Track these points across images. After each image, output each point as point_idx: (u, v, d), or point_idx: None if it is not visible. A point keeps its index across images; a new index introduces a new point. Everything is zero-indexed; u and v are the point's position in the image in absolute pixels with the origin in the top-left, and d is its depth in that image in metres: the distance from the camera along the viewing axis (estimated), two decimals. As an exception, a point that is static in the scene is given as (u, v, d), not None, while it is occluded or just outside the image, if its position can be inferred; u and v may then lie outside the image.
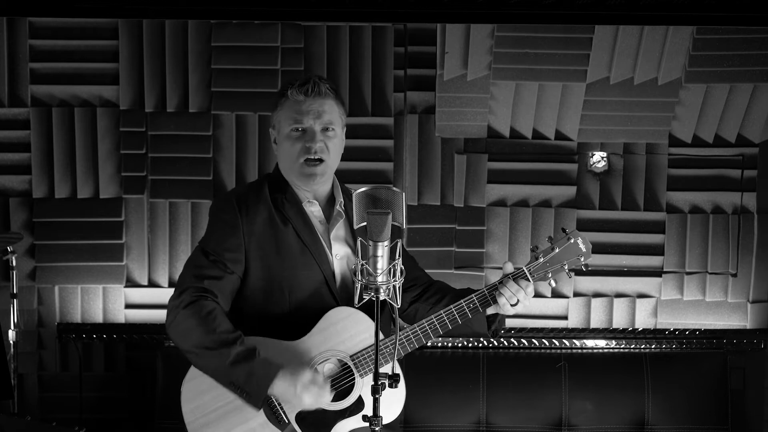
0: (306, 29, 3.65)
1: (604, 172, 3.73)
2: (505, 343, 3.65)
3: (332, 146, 2.43)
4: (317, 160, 2.41)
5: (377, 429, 2.06)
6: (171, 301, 2.34)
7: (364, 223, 2.04)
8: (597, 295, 3.77)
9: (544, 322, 3.73)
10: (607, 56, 3.63)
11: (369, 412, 2.08)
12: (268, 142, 3.68)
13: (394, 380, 2.09)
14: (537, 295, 2.59)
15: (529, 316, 3.70)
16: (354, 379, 2.36)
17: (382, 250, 2.02)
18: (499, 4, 3.57)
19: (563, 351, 3.63)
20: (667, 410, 3.47)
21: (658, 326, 3.75)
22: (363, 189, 2.08)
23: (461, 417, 3.46)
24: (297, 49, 3.66)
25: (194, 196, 3.70)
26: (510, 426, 3.46)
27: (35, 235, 3.68)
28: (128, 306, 3.72)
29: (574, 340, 3.68)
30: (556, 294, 3.73)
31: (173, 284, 3.67)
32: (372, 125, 3.69)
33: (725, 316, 3.77)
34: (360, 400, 2.35)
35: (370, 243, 2.01)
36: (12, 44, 3.64)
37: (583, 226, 3.71)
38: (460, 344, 3.57)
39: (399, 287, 2.05)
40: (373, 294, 2.03)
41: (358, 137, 3.57)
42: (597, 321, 3.76)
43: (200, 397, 2.34)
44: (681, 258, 3.75)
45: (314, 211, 2.46)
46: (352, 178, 3.04)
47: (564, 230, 2.41)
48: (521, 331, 3.67)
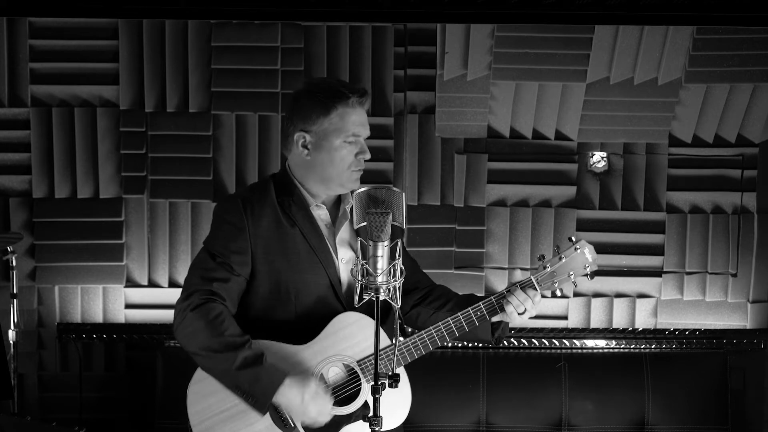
0: (306, 29, 3.65)
1: (604, 172, 3.73)
2: (505, 343, 3.65)
3: None
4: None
5: (377, 429, 2.06)
6: (178, 304, 2.33)
7: (365, 223, 2.04)
8: (597, 295, 3.77)
9: (544, 322, 3.73)
10: (607, 56, 3.63)
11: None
12: (268, 142, 3.69)
13: (394, 380, 2.08)
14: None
15: (529, 317, 3.69)
16: (360, 384, 2.36)
17: (382, 250, 2.01)
18: (499, 4, 3.58)
19: (563, 351, 3.63)
20: (667, 410, 3.47)
21: (658, 326, 3.75)
22: (363, 189, 2.08)
23: (461, 417, 3.47)
24: (297, 49, 3.66)
25: (194, 196, 3.70)
26: (510, 426, 3.46)
27: (35, 235, 3.68)
28: (128, 306, 3.72)
29: (574, 340, 3.68)
30: (557, 296, 3.72)
31: (173, 284, 3.70)
32: (372, 125, 3.64)
33: (725, 316, 3.77)
34: (366, 405, 2.34)
35: (370, 243, 2.01)
36: (12, 44, 3.64)
37: (583, 226, 3.72)
38: (460, 344, 3.57)
39: (399, 287, 2.05)
40: (373, 294, 2.03)
41: (358, 137, 3.57)
42: (597, 321, 3.76)
43: (206, 400, 2.34)
44: (681, 258, 3.75)
45: (321, 214, 2.44)
46: (352, 178, 3.03)
47: (571, 239, 2.40)
48: (521, 331, 3.67)
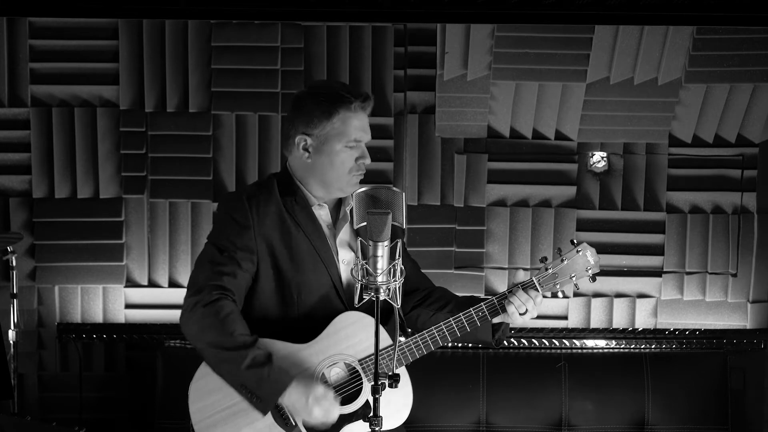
0: (306, 29, 3.65)
1: (604, 172, 3.73)
2: (505, 343, 3.64)
3: None
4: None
5: (378, 429, 2.06)
6: (188, 298, 2.31)
7: (365, 223, 2.04)
8: (597, 295, 3.77)
9: (544, 322, 3.73)
10: (607, 56, 3.63)
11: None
12: (268, 142, 3.69)
13: (394, 380, 2.09)
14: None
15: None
16: (362, 383, 2.36)
17: (382, 250, 2.01)
18: (499, 4, 3.58)
19: (563, 351, 3.63)
20: (667, 410, 3.47)
21: (658, 326, 3.75)
22: (363, 189, 2.08)
23: (461, 417, 3.46)
24: (297, 49, 3.66)
25: (194, 196, 3.70)
26: (510, 426, 3.46)
27: (35, 235, 3.68)
28: (128, 306, 3.72)
29: (574, 340, 3.68)
30: (557, 295, 3.72)
31: (173, 284, 3.70)
32: (372, 125, 3.65)
33: (725, 316, 3.77)
34: (367, 404, 2.34)
35: (370, 243, 2.01)
36: (12, 44, 3.64)
37: (583, 226, 3.72)
38: (460, 344, 3.56)
39: (399, 287, 2.05)
40: (373, 294, 2.03)
41: (358, 137, 3.57)
42: (597, 321, 3.76)
43: (208, 398, 2.34)
44: (681, 258, 3.75)
45: (322, 214, 2.45)
46: (352, 178, 3.03)
47: (573, 241, 2.41)
48: (521, 331, 3.67)
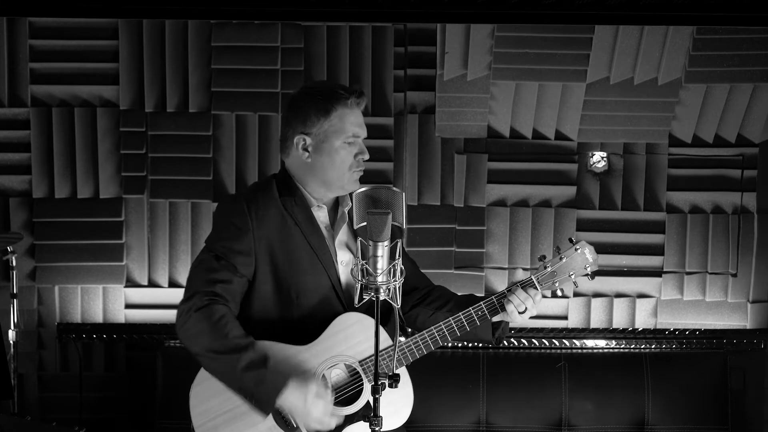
0: (306, 29, 3.65)
1: (604, 172, 3.73)
2: (505, 343, 3.65)
3: None
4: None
5: (378, 429, 2.06)
6: (181, 305, 2.32)
7: (364, 224, 2.04)
8: (597, 295, 3.77)
9: (544, 322, 3.73)
10: (607, 56, 3.63)
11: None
12: (268, 143, 3.69)
13: (394, 380, 2.09)
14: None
15: (529, 317, 3.70)
16: (362, 384, 2.36)
17: (382, 250, 2.02)
18: (499, 4, 3.57)
19: (563, 351, 3.63)
20: (667, 410, 3.47)
21: (658, 326, 3.75)
22: (363, 189, 2.08)
23: (461, 417, 3.46)
24: (297, 49, 3.66)
25: (194, 196, 3.70)
26: (510, 426, 3.46)
27: (35, 235, 3.68)
28: (128, 306, 3.73)
29: (574, 340, 3.68)
30: (557, 295, 3.72)
31: (173, 284, 3.70)
32: (372, 125, 3.63)
33: (725, 316, 3.77)
34: (368, 405, 2.34)
35: (370, 243, 2.01)
36: (12, 44, 3.64)
37: (583, 226, 3.72)
38: (460, 344, 3.56)
39: (399, 287, 2.05)
40: (373, 294, 2.03)
41: (358, 137, 3.57)
42: (597, 321, 3.76)
43: (209, 401, 2.34)
44: (681, 258, 3.75)
45: (321, 216, 2.44)
46: (352, 178, 3.03)
47: (571, 240, 2.41)
48: (521, 331, 3.67)
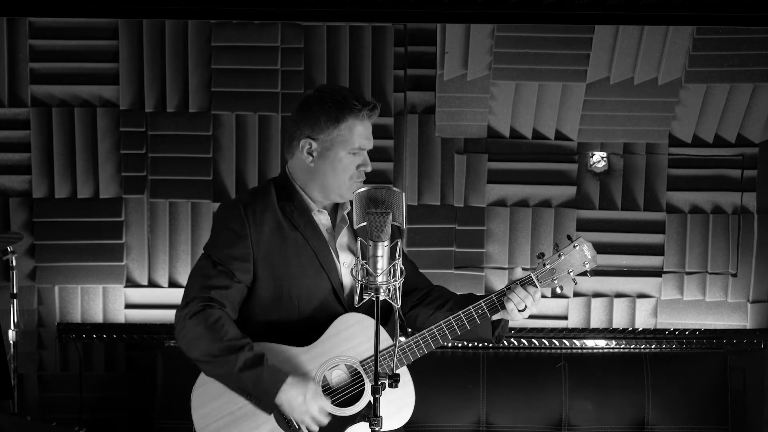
0: (306, 29, 3.65)
1: (604, 172, 3.73)
2: (505, 343, 3.65)
3: None
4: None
5: (378, 429, 2.06)
6: (178, 312, 2.33)
7: (364, 224, 2.04)
8: (597, 295, 3.77)
9: (544, 322, 3.73)
10: (607, 56, 3.63)
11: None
12: (268, 143, 3.69)
13: (394, 380, 2.09)
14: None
15: (529, 316, 3.69)
16: (364, 384, 2.36)
17: (382, 250, 2.02)
18: (499, 4, 3.57)
19: (563, 351, 3.63)
20: (667, 410, 3.47)
21: (658, 326, 3.75)
22: (363, 189, 2.08)
23: (461, 417, 3.46)
24: (297, 49, 3.66)
25: (194, 196, 3.70)
26: (510, 426, 3.46)
27: (35, 235, 3.68)
28: (128, 306, 3.72)
29: (574, 340, 3.68)
30: (556, 294, 3.72)
31: (173, 284, 3.70)
32: (372, 125, 3.69)
33: (725, 316, 3.77)
34: (370, 406, 2.34)
35: (370, 243, 2.01)
36: (12, 44, 3.64)
37: (583, 226, 3.72)
38: (460, 344, 3.56)
39: (399, 287, 2.05)
40: (373, 294, 2.03)
41: (358, 137, 3.57)
42: (597, 321, 3.76)
43: (210, 403, 2.34)
44: (681, 258, 3.75)
45: (322, 219, 2.44)
46: (352, 178, 3.03)
47: (569, 237, 2.41)
48: (521, 331, 3.67)
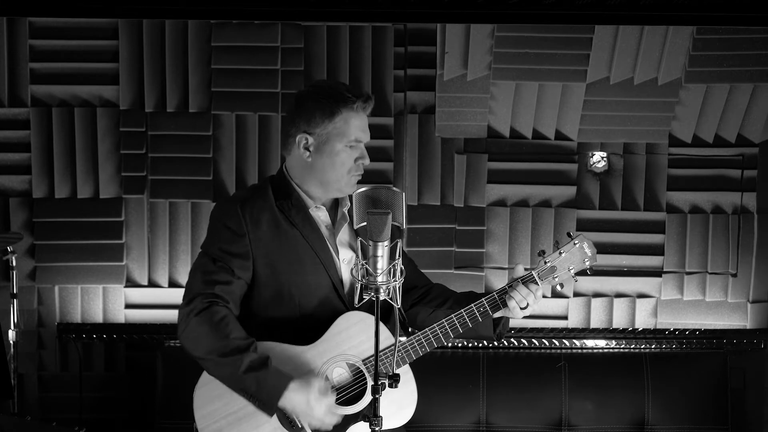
0: (306, 29, 3.65)
1: (604, 172, 3.73)
2: (505, 343, 3.65)
3: None
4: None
5: (378, 429, 2.07)
6: (182, 309, 2.32)
7: (365, 224, 2.04)
8: (597, 295, 3.77)
9: (544, 322, 3.73)
10: (607, 56, 3.63)
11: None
12: (268, 143, 3.69)
13: (394, 380, 2.09)
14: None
15: (529, 316, 3.69)
16: (366, 383, 2.36)
17: (382, 250, 2.02)
18: (499, 4, 3.57)
19: (563, 351, 3.63)
20: (667, 410, 3.47)
21: (658, 326, 3.75)
22: (363, 189, 2.09)
23: (461, 417, 3.46)
24: (297, 49, 3.66)
25: (194, 196, 3.70)
26: (510, 426, 3.46)
27: (35, 235, 3.68)
28: (128, 306, 3.72)
29: (574, 340, 3.68)
30: (556, 294, 3.72)
31: (173, 284, 3.70)
32: (372, 125, 3.65)
33: (725, 316, 3.77)
34: (372, 405, 2.35)
35: (370, 243, 2.01)
36: (12, 44, 3.64)
37: (583, 226, 3.71)
38: (460, 344, 3.57)
39: (399, 287, 2.05)
40: (373, 294, 2.03)
41: (358, 137, 3.57)
42: (597, 321, 3.76)
43: (213, 403, 2.34)
44: (681, 258, 3.75)
45: (321, 216, 2.45)
46: (352, 178, 3.03)
47: (569, 234, 2.42)
48: (521, 331, 3.67)
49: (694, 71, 3.62)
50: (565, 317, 3.77)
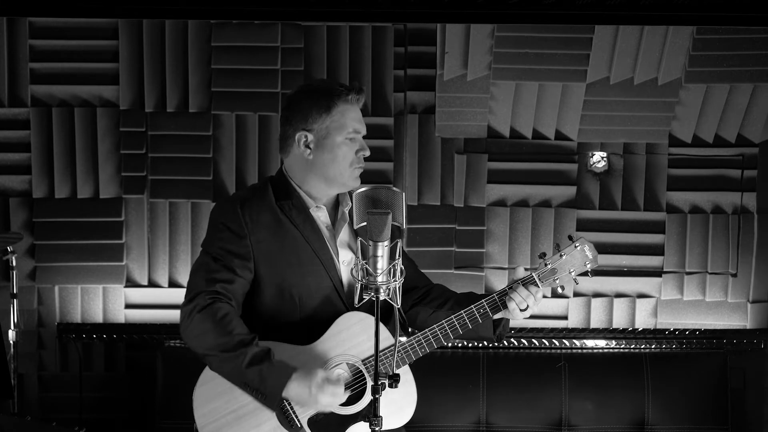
0: (306, 29, 3.65)
1: (604, 172, 3.73)
2: (505, 343, 3.64)
3: None
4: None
5: (377, 429, 2.07)
6: (184, 306, 2.32)
7: (365, 224, 2.04)
8: (597, 295, 3.77)
9: (544, 322, 3.73)
10: (607, 56, 3.63)
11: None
12: (268, 143, 3.69)
13: (394, 380, 2.09)
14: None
15: (529, 316, 3.69)
16: (365, 383, 2.36)
17: (382, 250, 2.02)
18: (499, 4, 3.57)
19: (563, 351, 3.63)
20: (667, 410, 3.47)
21: (658, 326, 3.75)
22: (363, 189, 2.09)
23: (461, 417, 3.46)
24: (297, 49, 3.66)
25: (194, 196, 3.70)
26: (510, 426, 3.46)
27: (35, 235, 3.68)
28: (128, 306, 3.73)
29: (574, 340, 3.68)
30: (556, 294, 3.72)
31: (173, 284, 3.70)
32: (372, 125, 3.64)
33: (725, 316, 3.77)
34: (371, 404, 2.35)
35: (370, 243, 2.01)
36: (12, 44, 3.64)
37: (583, 226, 3.72)
38: (460, 344, 3.57)
39: (399, 287, 2.05)
40: (373, 294, 2.03)
41: (358, 137, 3.57)
42: (597, 321, 3.76)
43: (212, 402, 2.34)
44: (681, 258, 3.75)
45: (321, 216, 2.44)
46: (352, 178, 3.03)
47: (570, 237, 2.42)
48: (521, 331, 3.67)
49: (694, 71, 3.62)
50: (565, 317, 3.77)
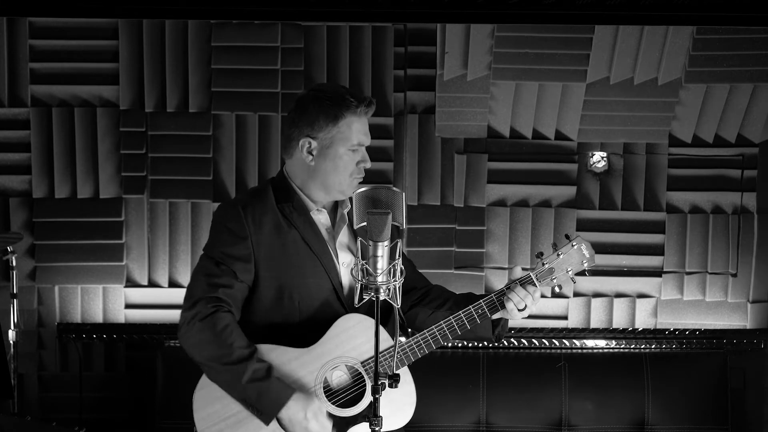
0: (306, 29, 3.65)
1: (604, 172, 3.73)
2: (505, 343, 3.64)
3: None
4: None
5: (378, 429, 2.07)
6: (184, 312, 2.31)
7: (364, 224, 2.04)
8: (597, 295, 3.77)
9: (544, 322, 3.73)
10: (607, 56, 3.63)
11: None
12: (268, 143, 3.69)
13: (394, 380, 2.09)
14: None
15: (529, 316, 3.69)
16: (365, 385, 2.36)
17: (382, 250, 2.02)
18: (499, 4, 3.57)
19: (563, 351, 3.63)
20: (667, 410, 3.47)
21: (658, 326, 3.75)
22: (363, 189, 2.09)
23: (461, 417, 3.46)
24: (297, 49, 3.66)
25: (194, 196, 3.70)
26: (510, 426, 3.46)
27: (35, 235, 3.68)
28: (128, 306, 3.73)
29: (574, 340, 3.68)
30: (556, 294, 3.71)
31: (173, 284, 3.70)
32: (372, 125, 3.65)
33: (725, 316, 3.77)
34: (371, 406, 2.35)
35: (370, 243, 2.01)
36: (12, 44, 3.64)
37: (583, 226, 3.71)
38: (460, 344, 3.57)
39: (399, 287, 2.05)
40: (372, 294, 2.03)
41: (358, 137, 3.57)
42: (597, 321, 3.76)
43: (212, 406, 2.34)
44: (681, 258, 3.75)
45: (321, 218, 2.44)
46: (352, 178, 3.03)
47: (567, 236, 2.42)
48: (521, 331, 3.67)
49: (694, 71, 3.62)
50: (565, 317, 3.77)
